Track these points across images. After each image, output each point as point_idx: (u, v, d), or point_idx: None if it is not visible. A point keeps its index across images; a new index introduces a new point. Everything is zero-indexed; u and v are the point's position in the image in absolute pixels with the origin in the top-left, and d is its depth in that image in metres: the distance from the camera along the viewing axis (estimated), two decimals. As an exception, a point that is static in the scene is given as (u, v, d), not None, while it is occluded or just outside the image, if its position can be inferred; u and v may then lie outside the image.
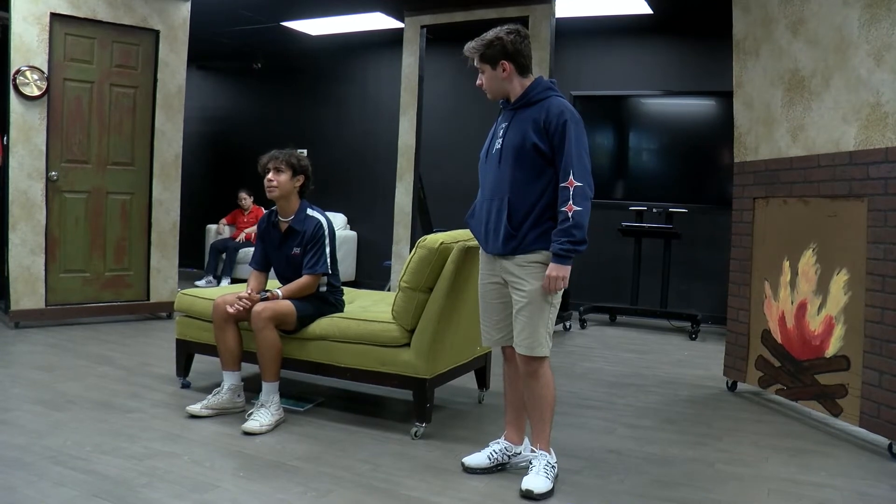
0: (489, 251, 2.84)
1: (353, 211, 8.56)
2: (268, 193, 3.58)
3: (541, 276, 2.71)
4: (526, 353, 2.74)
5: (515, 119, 2.77)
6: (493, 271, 2.86)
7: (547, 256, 2.71)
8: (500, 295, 2.87)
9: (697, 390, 4.38)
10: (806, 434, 3.55)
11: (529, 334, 2.73)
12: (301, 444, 3.16)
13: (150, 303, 5.94)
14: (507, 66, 2.75)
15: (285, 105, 9.08)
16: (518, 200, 2.71)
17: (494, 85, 2.80)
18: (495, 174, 2.78)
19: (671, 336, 6.17)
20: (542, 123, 2.68)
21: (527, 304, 2.73)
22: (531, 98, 2.75)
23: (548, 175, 2.70)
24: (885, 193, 3.24)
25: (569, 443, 3.28)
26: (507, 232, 2.72)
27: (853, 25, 3.40)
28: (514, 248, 2.73)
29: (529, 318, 2.73)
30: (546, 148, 2.68)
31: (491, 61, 2.76)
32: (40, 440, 3.04)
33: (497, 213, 2.76)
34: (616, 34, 7.15)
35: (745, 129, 4.26)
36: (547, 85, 2.80)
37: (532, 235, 2.71)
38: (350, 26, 7.61)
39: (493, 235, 2.78)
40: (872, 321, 3.28)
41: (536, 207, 2.70)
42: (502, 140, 2.77)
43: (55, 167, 5.40)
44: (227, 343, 3.51)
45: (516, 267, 2.75)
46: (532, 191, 2.71)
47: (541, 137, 2.68)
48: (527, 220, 2.71)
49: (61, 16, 5.32)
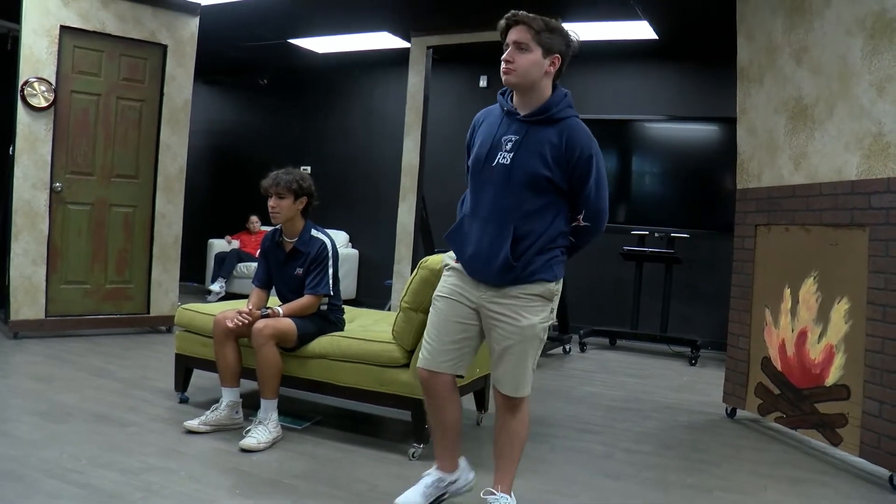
0: (476, 277, 2.49)
1: (354, 229, 8.57)
2: (272, 219, 3.58)
3: (538, 310, 2.43)
4: (512, 395, 2.50)
5: (530, 135, 2.41)
6: (467, 293, 2.51)
7: (549, 290, 2.45)
8: (463, 316, 2.52)
9: (696, 416, 4.36)
10: (805, 463, 3.53)
11: (519, 374, 2.46)
12: (298, 463, 3.14)
13: (151, 316, 5.94)
14: (557, 63, 2.43)
15: (290, 121, 9.12)
16: (524, 230, 2.40)
17: (532, 71, 2.39)
18: (498, 194, 2.43)
19: (671, 361, 6.15)
20: (563, 151, 2.38)
21: (519, 342, 2.43)
22: (553, 114, 2.42)
23: (560, 204, 2.45)
24: (886, 223, 3.24)
25: (566, 467, 3.26)
26: (505, 263, 2.39)
27: (856, 56, 3.42)
28: (512, 279, 2.42)
29: (521, 357, 2.44)
30: (562, 181, 2.40)
31: (546, 46, 2.39)
32: (36, 452, 3.03)
33: (494, 239, 2.42)
34: (621, 59, 7.20)
35: (747, 156, 4.27)
36: (569, 102, 2.48)
37: (535, 265, 2.42)
38: (357, 45, 7.67)
39: (483, 263, 2.44)
40: (873, 351, 3.27)
41: (543, 237, 2.42)
42: (512, 156, 2.41)
43: (59, 178, 5.42)
44: (227, 359, 3.51)
45: (510, 299, 2.43)
46: (542, 221, 2.42)
47: (559, 167, 2.38)
48: (530, 250, 2.41)
49: (71, 28, 5.37)
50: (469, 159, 2.61)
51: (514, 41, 2.39)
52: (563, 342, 6.20)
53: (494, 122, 2.52)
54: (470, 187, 2.56)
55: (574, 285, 6.59)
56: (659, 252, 6.38)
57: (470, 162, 2.56)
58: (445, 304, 2.55)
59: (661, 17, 6.10)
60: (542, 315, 2.45)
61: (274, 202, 3.55)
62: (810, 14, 3.73)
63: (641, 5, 5.79)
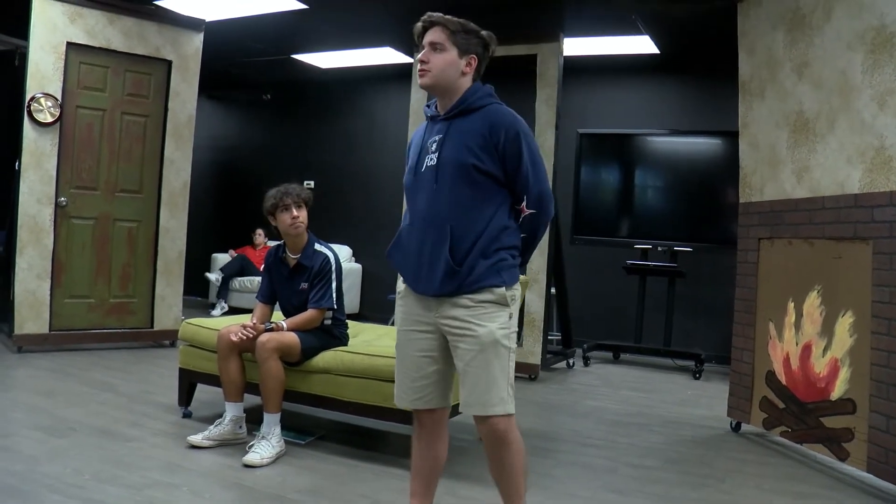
0: (420, 291, 2.32)
1: (358, 243, 8.58)
2: (293, 231, 3.56)
3: (494, 317, 2.24)
4: (482, 413, 2.24)
5: (452, 130, 2.30)
6: (420, 317, 2.34)
7: (501, 295, 2.25)
8: (424, 347, 2.35)
9: (701, 430, 4.35)
10: (811, 478, 3.51)
11: (486, 388, 2.22)
12: (301, 478, 3.13)
13: (154, 330, 5.95)
14: (474, 63, 2.34)
15: (293, 136, 9.17)
16: (462, 228, 2.23)
17: (448, 71, 2.30)
18: (429, 196, 2.28)
19: (675, 375, 6.13)
20: (489, 136, 2.24)
21: (478, 352, 2.22)
22: (470, 104, 2.31)
23: (498, 195, 2.28)
24: (889, 237, 3.24)
25: (571, 482, 3.25)
26: (447, 268, 2.22)
27: (857, 70, 3.44)
28: (457, 286, 2.23)
29: (485, 368, 2.22)
30: (494, 168, 2.25)
31: (462, 47, 2.31)
32: (38, 467, 3.02)
33: (434, 245, 2.25)
34: (623, 73, 7.24)
35: (750, 170, 4.28)
36: (488, 91, 2.36)
37: (480, 269, 2.23)
38: (359, 60, 7.72)
39: (426, 272, 2.27)
40: (878, 364, 3.26)
41: (484, 235, 2.24)
42: (437, 155, 2.29)
43: (64, 193, 5.45)
44: (231, 374, 3.50)
45: (460, 310, 2.24)
46: (479, 215, 2.24)
47: (487, 153, 2.24)
48: (472, 252, 2.23)
49: (77, 45, 5.41)
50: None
51: (429, 42, 2.33)
52: (566, 356, 6.19)
53: (421, 133, 2.45)
54: (406, 201, 2.45)
55: (577, 299, 6.59)
56: (662, 266, 6.37)
57: (404, 177, 2.45)
58: (405, 337, 2.40)
59: (663, 31, 6.14)
60: (499, 321, 2.25)
61: (297, 212, 3.55)
62: (811, 29, 3.75)
63: (643, 20, 5.82)
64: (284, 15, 6.17)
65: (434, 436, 2.46)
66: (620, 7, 5.53)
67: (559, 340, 6.47)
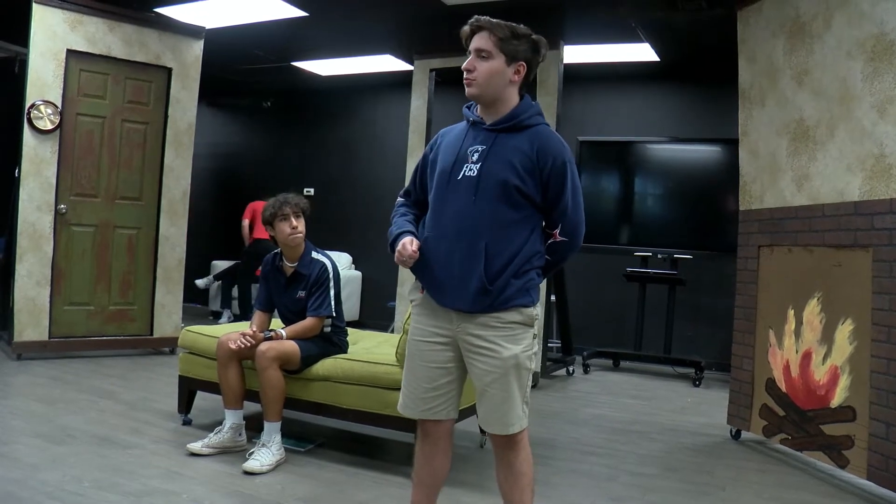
0: (448, 305, 2.25)
1: (358, 251, 8.57)
2: (292, 241, 3.57)
3: (519, 339, 2.22)
4: (502, 433, 2.27)
5: (498, 144, 2.23)
6: (438, 329, 2.29)
7: (528, 315, 2.24)
8: (439, 359, 2.30)
9: (701, 438, 4.34)
10: (811, 486, 3.50)
11: (507, 410, 2.23)
12: (301, 485, 3.13)
13: (154, 338, 5.93)
14: (523, 71, 2.26)
15: (294, 144, 9.17)
16: (497, 246, 2.18)
17: (495, 81, 2.23)
18: (465, 209, 2.21)
19: (675, 382, 6.13)
20: (535, 160, 2.19)
21: (502, 375, 2.21)
22: (521, 121, 2.24)
23: (534, 218, 2.25)
24: (889, 244, 3.25)
25: (570, 490, 3.24)
26: (480, 285, 2.17)
27: (857, 78, 3.45)
28: (488, 304, 2.19)
29: (506, 391, 2.22)
30: (535, 192, 2.21)
31: (510, 54, 2.22)
32: (37, 474, 3.01)
33: (465, 259, 2.20)
34: (623, 81, 7.25)
35: (750, 178, 4.29)
36: (537, 109, 2.30)
37: (511, 289, 2.19)
38: (360, 68, 7.73)
39: (457, 286, 2.21)
40: (878, 372, 3.26)
41: (519, 256, 2.21)
42: (479, 167, 2.22)
43: (64, 200, 5.45)
44: (230, 381, 3.50)
45: (486, 329, 2.21)
46: (516, 237, 2.21)
47: (531, 176, 2.20)
48: (506, 271, 2.19)
49: (77, 52, 5.42)
50: (416, 180, 2.45)
51: (475, 48, 2.25)
52: (566, 364, 6.18)
53: (459, 136, 2.35)
54: (432, 205, 2.33)
55: (577, 307, 6.59)
56: (662, 273, 6.37)
57: (434, 177, 2.33)
58: (419, 348, 2.33)
59: (663, 39, 6.15)
60: (524, 343, 2.24)
61: (296, 222, 3.56)
62: (811, 37, 3.76)
63: (643, 28, 5.84)
64: (285, 22, 6.18)
65: (438, 447, 2.41)
66: (620, 15, 5.54)
67: (559, 348, 6.47)
